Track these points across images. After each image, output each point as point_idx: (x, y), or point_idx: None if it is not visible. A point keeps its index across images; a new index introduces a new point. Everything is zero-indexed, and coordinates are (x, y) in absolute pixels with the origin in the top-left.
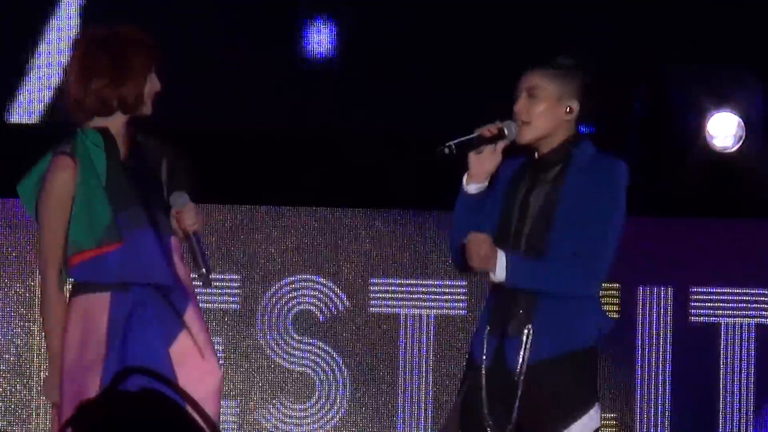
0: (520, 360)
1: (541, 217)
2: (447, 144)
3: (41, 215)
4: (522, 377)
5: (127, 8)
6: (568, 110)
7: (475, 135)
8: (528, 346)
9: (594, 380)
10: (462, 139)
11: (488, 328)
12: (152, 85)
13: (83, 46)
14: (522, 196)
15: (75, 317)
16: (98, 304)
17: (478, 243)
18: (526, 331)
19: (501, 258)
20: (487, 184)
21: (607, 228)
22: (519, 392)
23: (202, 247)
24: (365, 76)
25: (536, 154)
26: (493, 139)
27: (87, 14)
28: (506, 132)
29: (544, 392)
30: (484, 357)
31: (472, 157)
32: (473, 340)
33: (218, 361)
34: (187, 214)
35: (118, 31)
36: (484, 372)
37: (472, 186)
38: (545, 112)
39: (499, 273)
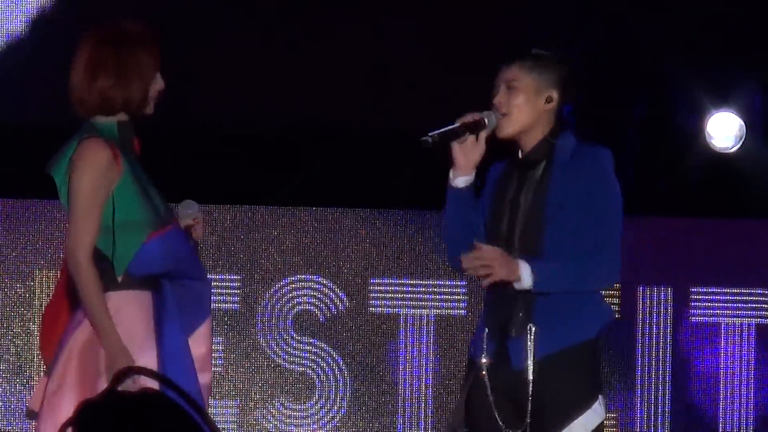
0: (529, 359)
1: (532, 217)
2: (429, 134)
3: (82, 195)
4: (531, 376)
5: (129, 3)
6: (547, 100)
7: (456, 125)
8: (533, 345)
9: (596, 373)
10: (443, 129)
11: (486, 329)
12: (157, 85)
13: (91, 43)
14: (511, 197)
15: (115, 315)
16: (140, 303)
17: (493, 258)
18: (529, 329)
19: (524, 267)
20: (474, 176)
21: (610, 217)
22: (530, 390)
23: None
24: (366, 76)
25: (520, 153)
26: (475, 128)
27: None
28: (486, 121)
29: (549, 388)
30: (484, 357)
31: (456, 149)
32: (473, 341)
33: (211, 362)
34: (199, 225)
35: (126, 29)
36: (485, 372)
37: (459, 179)
38: (524, 103)
39: (526, 281)
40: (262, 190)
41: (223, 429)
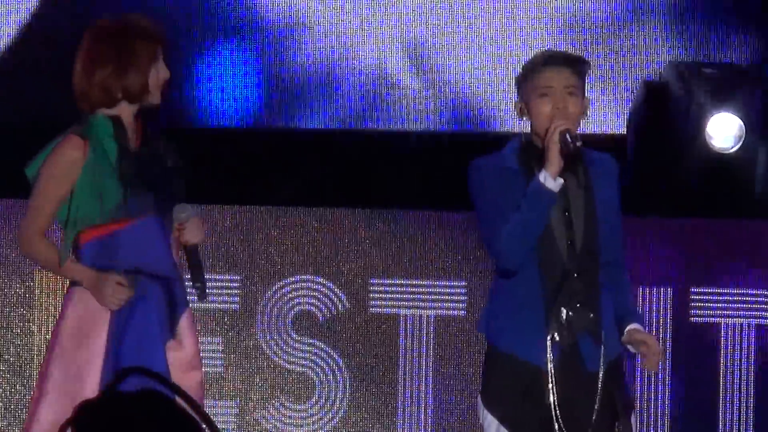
0: (601, 362)
1: (588, 218)
2: (576, 137)
3: (39, 183)
4: (600, 379)
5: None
6: (585, 104)
7: (568, 131)
8: (605, 349)
9: None
10: (568, 134)
11: (553, 332)
12: (159, 73)
13: (90, 38)
14: (562, 201)
15: (76, 308)
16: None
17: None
18: (603, 334)
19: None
20: None
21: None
22: (598, 395)
23: (200, 261)
24: (364, 76)
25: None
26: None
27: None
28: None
29: (612, 392)
30: (551, 361)
31: (558, 152)
32: (526, 344)
33: (200, 359)
34: (189, 228)
35: (124, 21)
36: (552, 375)
37: (556, 182)
38: (581, 109)
39: None
40: (262, 190)
41: (223, 429)
